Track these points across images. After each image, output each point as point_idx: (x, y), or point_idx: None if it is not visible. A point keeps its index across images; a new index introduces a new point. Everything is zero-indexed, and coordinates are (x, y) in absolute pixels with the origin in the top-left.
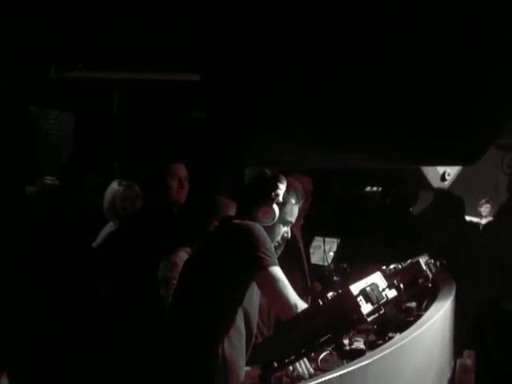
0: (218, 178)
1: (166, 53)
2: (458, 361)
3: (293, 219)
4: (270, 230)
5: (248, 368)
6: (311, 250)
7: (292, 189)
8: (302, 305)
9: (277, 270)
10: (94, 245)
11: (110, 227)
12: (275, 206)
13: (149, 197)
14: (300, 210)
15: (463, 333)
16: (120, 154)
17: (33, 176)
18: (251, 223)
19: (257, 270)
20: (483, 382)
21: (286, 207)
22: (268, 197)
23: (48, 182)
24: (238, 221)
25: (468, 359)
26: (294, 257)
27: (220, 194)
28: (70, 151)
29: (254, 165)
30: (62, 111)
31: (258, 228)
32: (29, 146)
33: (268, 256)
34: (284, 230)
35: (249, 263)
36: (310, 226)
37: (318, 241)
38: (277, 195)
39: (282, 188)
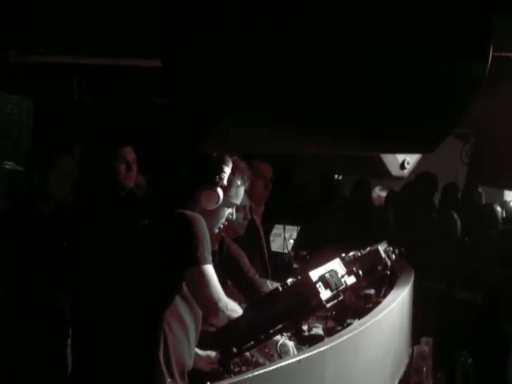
0: (177, 164)
1: (127, 38)
2: (416, 347)
3: (238, 201)
4: (214, 213)
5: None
6: (271, 238)
7: (237, 170)
8: (233, 306)
9: (210, 269)
10: None
11: None
12: (219, 190)
13: (98, 181)
14: (260, 197)
15: (421, 320)
16: (80, 139)
17: None
18: (194, 215)
19: (189, 265)
20: (440, 369)
21: (231, 190)
22: (212, 180)
23: (7, 167)
24: (180, 211)
25: (425, 346)
26: (254, 244)
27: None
28: (30, 136)
29: (215, 151)
30: (21, 96)
31: (200, 222)
32: None
33: (204, 253)
34: (229, 212)
35: (183, 256)
36: (270, 213)
37: (278, 228)
38: (221, 179)
39: (227, 171)
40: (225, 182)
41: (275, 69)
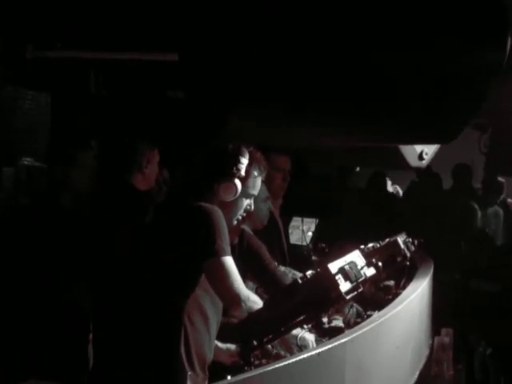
0: (194, 157)
1: (143, 32)
2: (436, 338)
3: (255, 192)
4: (233, 204)
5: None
6: (290, 230)
7: (254, 161)
8: (254, 298)
9: (229, 261)
10: None
11: None
12: (237, 181)
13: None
14: (278, 190)
15: (441, 311)
16: (97, 133)
17: (10, 157)
18: (212, 207)
19: (208, 257)
20: (460, 359)
21: (248, 181)
22: (229, 172)
23: (26, 163)
24: (198, 203)
25: (446, 337)
26: (273, 237)
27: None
28: (48, 131)
29: (232, 143)
30: (39, 91)
31: (218, 214)
32: (6, 126)
33: (222, 245)
34: (247, 203)
35: (202, 249)
36: (289, 205)
37: (296, 221)
38: (238, 170)
39: (244, 162)
40: (242, 173)
41: (292, 63)
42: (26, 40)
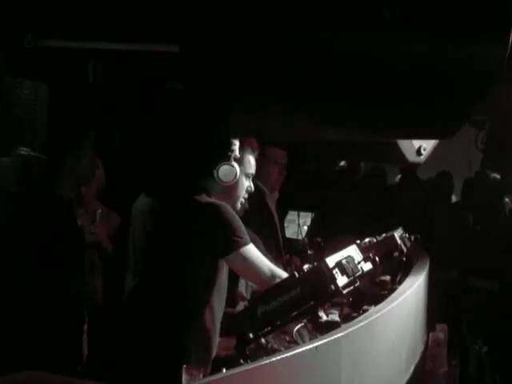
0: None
1: (143, 23)
2: (431, 334)
3: (253, 171)
4: (235, 186)
5: (224, 338)
6: (285, 224)
7: (246, 142)
8: (279, 273)
9: (250, 249)
10: None
11: None
12: (234, 163)
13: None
14: (275, 184)
15: (436, 306)
16: (95, 123)
17: (7, 147)
18: (219, 204)
19: (229, 252)
20: (454, 355)
21: (244, 161)
22: (225, 155)
23: (23, 153)
24: (204, 200)
25: (440, 333)
26: (269, 230)
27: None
28: (45, 121)
29: (231, 137)
30: (36, 81)
31: (226, 209)
32: (2, 116)
33: (240, 237)
34: (247, 185)
35: (221, 246)
36: (285, 199)
37: (292, 215)
38: (232, 151)
39: (236, 143)
40: (237, 153)
41: (290, 55)
42: (25, 29)
